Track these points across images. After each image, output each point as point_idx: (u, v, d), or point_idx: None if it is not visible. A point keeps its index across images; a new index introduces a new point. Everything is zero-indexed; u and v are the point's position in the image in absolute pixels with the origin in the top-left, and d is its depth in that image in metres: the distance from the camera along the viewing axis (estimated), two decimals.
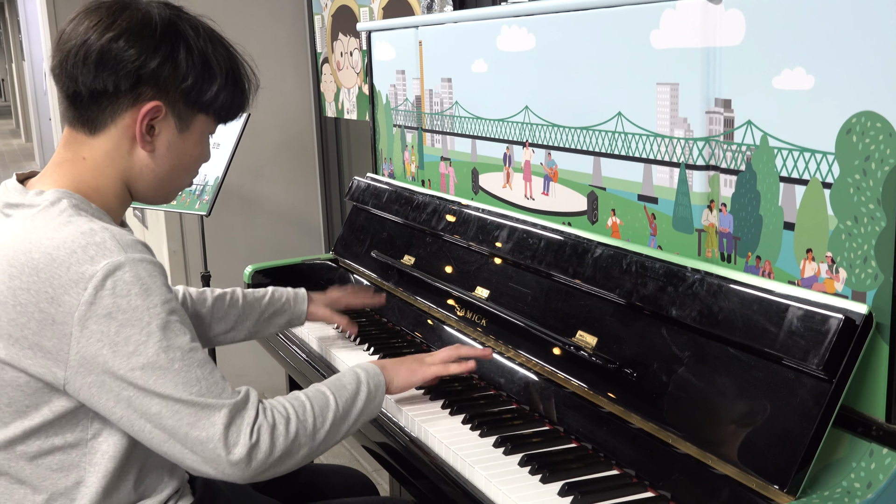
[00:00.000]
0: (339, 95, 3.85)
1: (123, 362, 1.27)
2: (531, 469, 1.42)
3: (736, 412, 1.26)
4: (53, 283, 1.27)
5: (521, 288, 1.79)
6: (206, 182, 3.28)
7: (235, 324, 1.96)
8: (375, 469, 3.27)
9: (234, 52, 1.49)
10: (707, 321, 1.34)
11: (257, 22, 4.01)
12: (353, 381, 1.54)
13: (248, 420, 1.33)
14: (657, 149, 1.56)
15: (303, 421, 1.40)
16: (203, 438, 1.30)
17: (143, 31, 1.37)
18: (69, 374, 1.28)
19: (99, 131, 1.40)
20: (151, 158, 1.43)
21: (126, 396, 1.29)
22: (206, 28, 1.46)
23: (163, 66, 1.38)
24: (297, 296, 2.05)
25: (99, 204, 1.41)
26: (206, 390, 1.31)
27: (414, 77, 2.37)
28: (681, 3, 1.46)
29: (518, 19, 1.88)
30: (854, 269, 1.22)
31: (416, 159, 2.44)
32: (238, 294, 1.99)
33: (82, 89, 1.37)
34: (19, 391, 1.31)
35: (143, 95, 1.38)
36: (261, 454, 1.34)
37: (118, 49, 1.36)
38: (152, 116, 1.40)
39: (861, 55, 1.17)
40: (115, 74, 1.36)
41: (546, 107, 1.84)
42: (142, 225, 4.74)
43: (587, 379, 1.55)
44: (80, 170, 1.41)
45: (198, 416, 1.30)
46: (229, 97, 1.47)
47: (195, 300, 1.93)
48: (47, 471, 1.34)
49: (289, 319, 2.03)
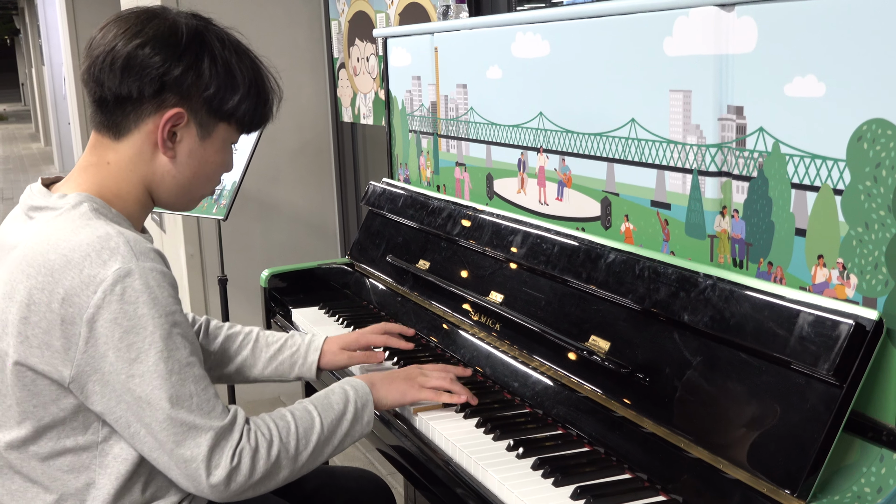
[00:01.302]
0: (356, 100, 3.87)
1: (125, 367, 1.31)
2: (544, 472, 1.43)
3: (747, 417, 1.27)
4: (66, 284, 1.30)
5: (534, 293, 1.81)
6: (224, 187, 3.30)
7: (242, 367, 1.85)
8: (390, 473, 3.28)
9: (259, 64, 1.52)
10: (719, 326, 1.35)
11: (275, 27, 4.04)
12: (340, 401, 1.53)
13: (231, 444, 1.36)
14: (670, 155, 1.57)
15: (285, 443, 1.42)
16: (187, 457, 1.33)
17: (169, 40, 1.40)
18: (75, 372, 1.32)
19: (123, 136, 1.43)
20: (173, 164, 1.46)
21: (126, 400, 1.32)
22: (232, 39, 1.49)
23: (186, 74, 1.41)
24: (309, 346, 1.86)
25: (120, 209, 1.44)
26: (197, 407, 1.34)
27: (429, 83, 2.39)
28: (694, 11, 1.47)
29: (533, 26, 1.90)
30: (865, 276, 1.23)
31: (431, 164, 2.46)
32: (252, 335, 1.87)
33: (108, 94, 1.41)
34: (26, 390, 1.34)
35: (166, 102, 1.41)
36: (241, 477, 1.36)
37: (144, 56, 1.38)
38: (174, 123, 1.43)
39: (872, 63, 1.18)
40: (139, 80, 1.39)
41: (560, 113, 1.86)
42: (159, 229, 4.77)
43: (600, 383, 1.56)
44: (103, 174, 1.44)
45: (185, 434, 1.33)
46: (251, 107, 1.49)
47: (209, 334, 1.86)
48: (58, 472, 1.37)
49: (299, 374, 1.86)
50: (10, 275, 1.35)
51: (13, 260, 1.36)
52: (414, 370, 1.71)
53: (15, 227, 1.44)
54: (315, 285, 2.57)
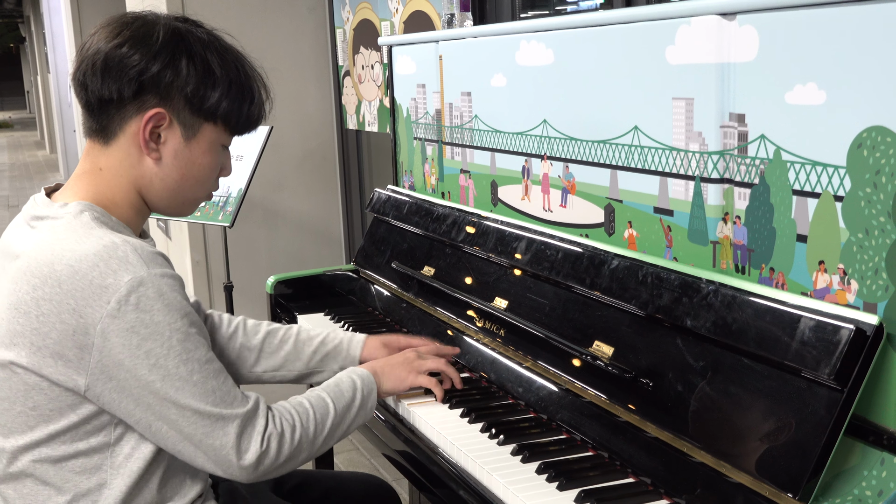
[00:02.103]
0: (361, 108, 3.89)
1: (144, 373, 1.32)
2: (548, 476, 1.44)
3: (749, 421, 1.29)
4: (76, 295, 1.30)
5: (539, 298, 1.82)
6: (230, 193, 3.32)
7: (284, 362, 1.85)
8: (396, 479, 3.29)
9: (244, 62, 1.50)
10: (721, 332, 1.36)
11: (280, 36, 4.06)
12: (350, 388, 1.61)
13: (258, 429, 1.42)
14: (673, 162, 1.58)
15: (306, 428, 1.49)
16: (217, 446, 1.38)
17: (147, 39, 1.40)
18: (90, 381, 1.33)
19: (111, 140, 1.44)
20: (159, 167, 1.46)
21: (146, 402, 1.34)
22: (215, 39, 1.48)
23: (164, 72, 1.40)
24: (352, 339, 1.89)
25: (118, 216, 1.44)
26: (221, 400, 1.38)
27: (434, 90, 2.41)
28: (696, 20, 1.49)
29: (537, 34, 1.92)
30: (865, 281, 1.24)
31: (436, 171, 2.48)
32: (293, 331, 1.88)
33: (92, 98, 1.42)
34: (43, 395, 1.35)
35: (146, 103, 1.41)
36: (268, 460, 1.43)
37: (121, 55, 1.39)
38: (156, 124, 1.42)
39: (871, 71, 1.20)
40: (118, 81, 1.39)
41: (564, 120, 1.87)
42: (165, 236, 4.79)
43: (604, 388, 1.57)
44: (97, 181, 1.45)
45: (213, 426, 1.37)
46: (235, 106, 1.48)
47: (248, 331, 1.86)
48: (71, 473, 1.38)
49: (342, 365, 1.87)
50: (14, 284, 1.36)
51: (17, 270, 1.36)
52: (411, 354, 1.78)
53: (17, 235, 1.44)
54: (320, 292, 2.58)
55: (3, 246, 1.46)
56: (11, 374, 1.36)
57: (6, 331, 1.35)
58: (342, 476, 1.97)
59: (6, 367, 1.36)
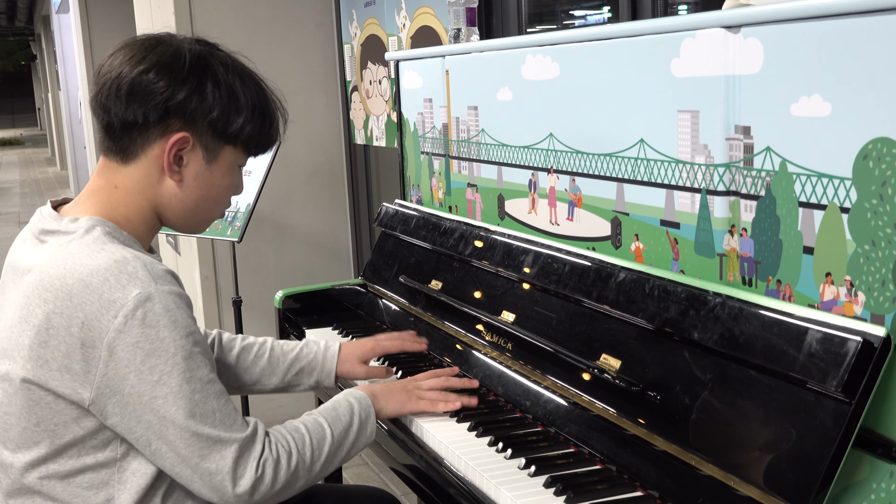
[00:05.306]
0: (368, 123, 3.90)
1: (147, 389, 1.33)
2: (556, 490, 1.44)
3: (757, 434, 1.28)
4: (85, 309, 1.31)
5: (546, 312, 1.82)
6: (238, 209, 3.33)
7: (260, 377, 1.87)
8: (405, 493, 3.29)
9: (264, 87, 1.54)
10: (729, 344, 1.36)
11: (289, 51, 4.08)
12: (347, 413, 1.59)
13: (255, 454, 1.40)
14: (679, 175, 1.58)
15: (302, 454, 1.48)
16: (212, 470, 1.37)
17: (173, 65, 1.42)
18: (95, 395, 1.34)
19: (130, 161, 1.46)
20: (179, 188, 1.48)
21: (147, 420, 1.34)
22: (236, 63, 1.51)
23: (190, 98, 1.43)
24: (326, 353, 1.90)
25: (129, 231, 1.46)
26: (220, 422, 1.38)
27: (441, 105, 2.42)
28: (700, 33, 1.49)
29: (542, 49, 1.92)
30: (872, 293, 1.24)
31: (443, 186, 2.48)
32: (267, 346, 1.90)
33: (115, 121, 1.43)
34: (48, 409, 1.36)
35: (171, 126, 1.44)
36: (264, 487, 1.41)
37: (148, 81, 1.41)
38: (180, 147, 1.45)
39: (876, 83, 1.20)
40: (144, 106, 1.41)
41: (570, 134, 1.88)
42: (174, 251, 4.81)
43: (611, 402, 1.57)
44: (112, 198, 1.46)
45: (210, 448, 1.36)
46: (256, 130, 1.51)
47: (223, 346, 1.88)
48: (79, 489, 1.39)
49: (317, 380, 1.90)
50: (26, 299, 1.37)
51: (29, 284, 1.38)
52: (409, 382, 1.78)
53: (26, 250, 1.46)
54: (329, 306, 2.59)
55: (13, 260, 1.47)
56: (17, 388, 1.36)
57: (15, 344, 1.37)
58: (350, 490, 1.97)
59: (12, 380, 1.37)
